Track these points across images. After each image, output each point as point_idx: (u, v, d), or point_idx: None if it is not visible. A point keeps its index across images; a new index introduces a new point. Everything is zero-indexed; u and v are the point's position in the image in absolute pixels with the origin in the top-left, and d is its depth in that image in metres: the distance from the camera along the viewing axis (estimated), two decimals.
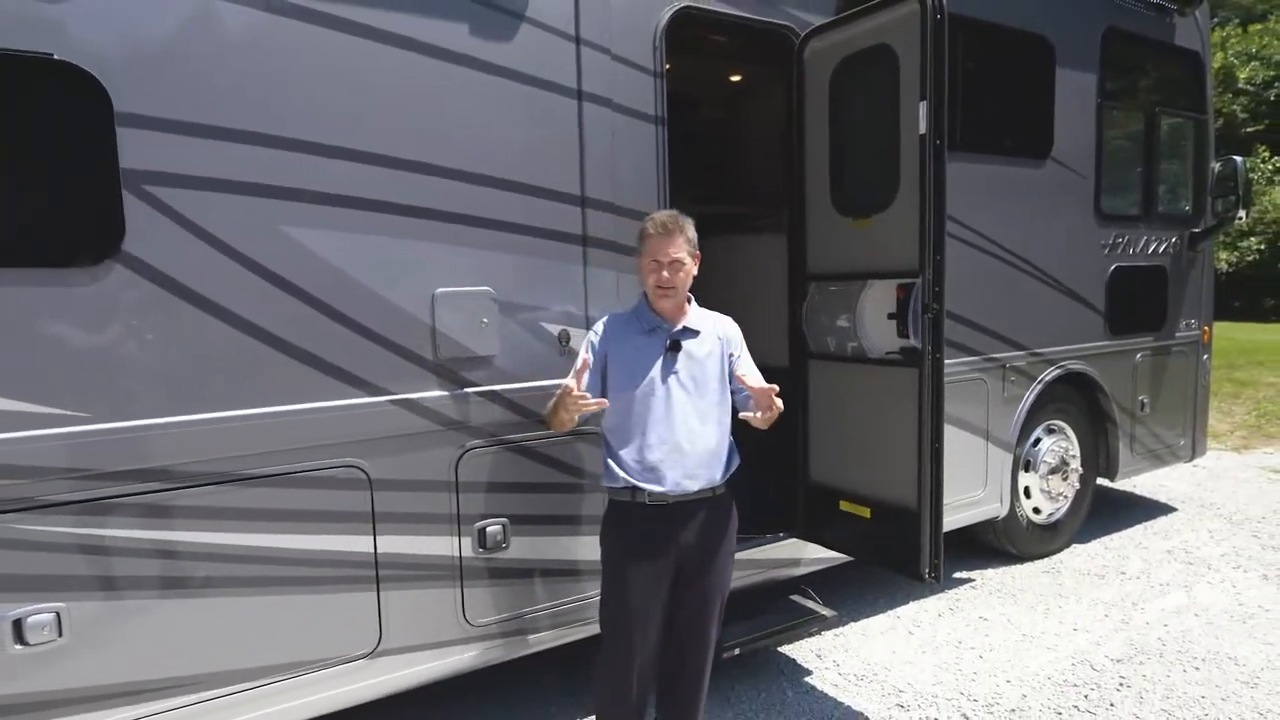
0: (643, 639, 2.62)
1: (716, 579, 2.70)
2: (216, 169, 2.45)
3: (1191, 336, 5.54)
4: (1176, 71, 5.41)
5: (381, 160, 2.70)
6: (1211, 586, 4.53)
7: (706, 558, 2.66)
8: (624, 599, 2.61)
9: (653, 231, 2.63)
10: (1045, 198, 4.62)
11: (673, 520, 2.60)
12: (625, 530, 2.64)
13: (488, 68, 2.87)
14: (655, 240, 2.61)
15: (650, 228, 2.64)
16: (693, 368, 2.65)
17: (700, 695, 2.77)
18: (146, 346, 2.38)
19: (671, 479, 2.58)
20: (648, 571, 2.59)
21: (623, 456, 2.61)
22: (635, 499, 2.60)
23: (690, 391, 2.63)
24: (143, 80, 2.33)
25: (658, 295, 2.64)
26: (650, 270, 2.63)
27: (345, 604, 2.74)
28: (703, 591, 2.67)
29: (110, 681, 2.40)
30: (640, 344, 2.66)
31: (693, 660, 2.73)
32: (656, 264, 2.60)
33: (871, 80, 3.43)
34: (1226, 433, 8.19)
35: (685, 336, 2.67)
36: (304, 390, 2.61)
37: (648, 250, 2.63)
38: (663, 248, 2.60)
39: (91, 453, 2.31)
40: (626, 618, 2.61)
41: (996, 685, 3.55)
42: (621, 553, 2.64)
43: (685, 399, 2.62)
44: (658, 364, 2.62)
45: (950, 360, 4.04)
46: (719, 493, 2.68)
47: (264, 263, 2.54)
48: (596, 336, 2.71)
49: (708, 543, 2.65)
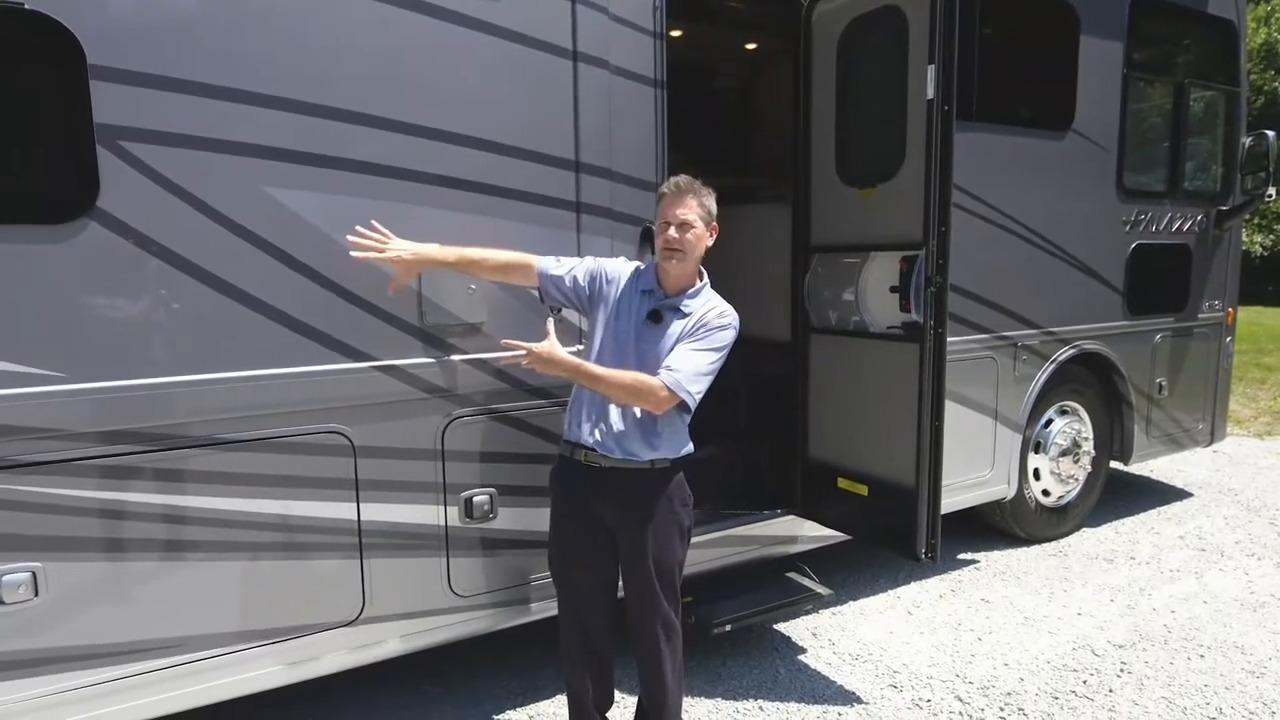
0: (577, 592, 2.67)
1: (658, 555, 2.58)
2: (196, 126, 2.39)
3: (1214, 318, 5.37)
4: (1208, 41, 5.20)
5: (367, 120, 2.63)
6: (1223, 573, 4.42)
7: (639, 530, 2.56)
8: (556, 549, 2.70)
9: (666, 191, 2.58)
10: (1065, 171, 4.46)
11: (601, 484, 2.55)
12: (560, 487, 2.68)
13: (478, 25, 2.78)
14: (668, 199, 2.56)
15: (665, 188, 2.60)
16: (657, 343, 2.54)
17: (661, 670, 2.66)
18: (122, 306, 2.34)
19: (601, 443, 2.52)
20: (578, 528, 2.63)
21: (572, 411, 2.62)
22: (573, 455, 2.59)
23: (641, 365, 2.51)
24: (118, 32, 2.27)
25: (665, 255, 2.55)
26: (660, 230, 2.56)
27: (327, 571, 2.72)
28: (642, 567, 2.58)
29: (87, 643, 2.39)
30: (631, 300, 2.61)
31: (642, 636, 2.65)
32: (665, 224, 2.54)
33: (880, 44, 3.32)
34: (1250, 418, 8.00)
35: (669, 312, 2.56)
36: (285, 354, 2.57)
37: (660, 211, 2.58)
38: (674, 207, 2.53)
39: (67, 413, 2.28)
40: (560, 567, 2.70)
41: (994, 668, 3.49)
42: (557, 503, 2.70)
43: (633, 370, 2.50)
44: (630, 326, 2.58)
45: (958, 337, 3.96)
46: (656, 467, 2.56)
47: (245, 223, 2.48)
48: (610, 270, 2.66)
49: (640, 515, 2.56)
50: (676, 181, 2.57)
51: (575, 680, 2.72)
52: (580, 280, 2.65)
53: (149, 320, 2.38)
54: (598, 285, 2.65)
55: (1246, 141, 5.25)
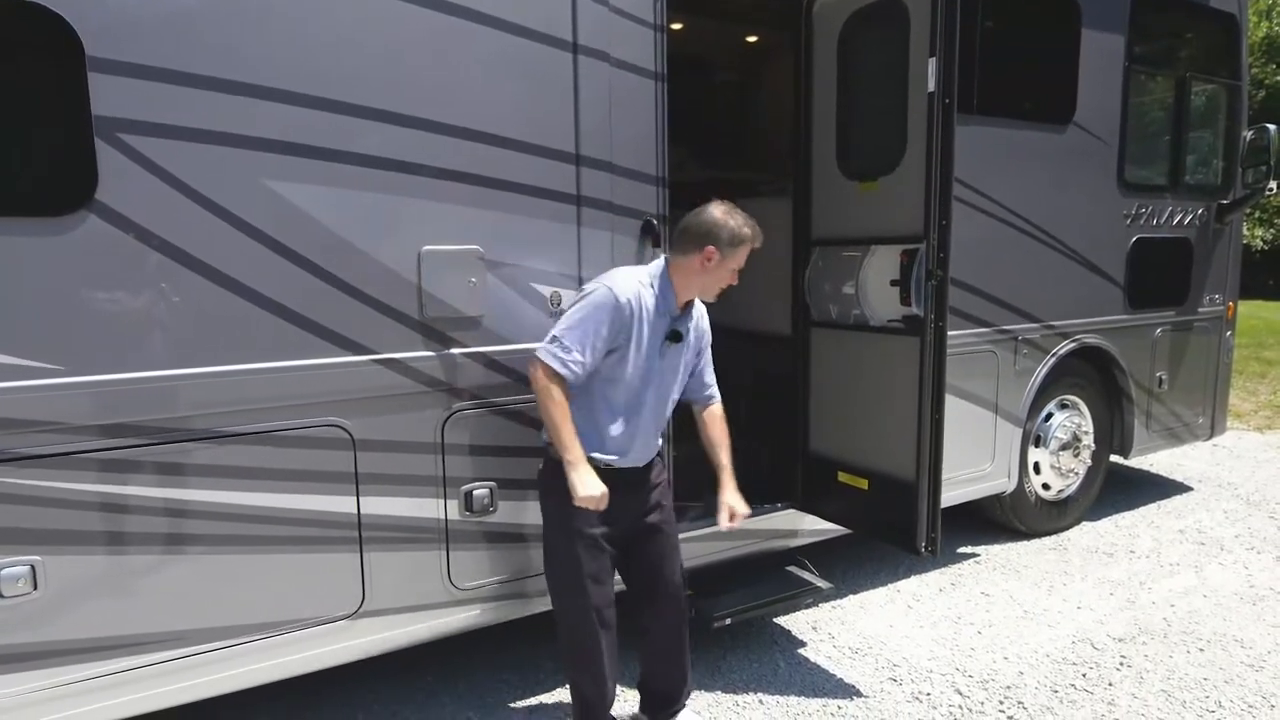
0: (602, 594, 2.68)
1: (670, 526, 2.83)
2: (195, 119, 2.38)
3: (1215, 312, 5.35)
4: (1210, 34, 5.18)
5: (367, 113, 2.62)
6: (1223, 567, 4.43)
7: (653, 509, 2.77)
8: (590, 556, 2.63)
9: (755, 243, 2.65)
10: (1066, 165, 4.44)
11: (624, 483, 2.63)
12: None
13: (478, 17, 2.76)
14: (746, 249, 2.63)
15: (755, 239, 2.64)
16: (677, 358, 2.71)
17: (686, 646, 2.90)
18: (121, 299, 2.34)
19: (630, 456, 2.67)
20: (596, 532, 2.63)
21: (597, 423, 2.61)
22: (606, 467, 2.62)
23: (669, 382, 2.71)
24: (116, 25, 2.25)
25: (712, 295, 2.70)
26: (729, 274, 2.64)
27: (327, 564, 2.72)
28: (661, 537, 2.79)
29: (87, 636, 2.39)
30: (654, 324, 2.62)
31: (675, 617, 2.85)
32: (734, 271, 2.65)
33: (881, 37, 3.30)
34: (1250, 412, 8.00)
35: (683, 327, 2.69)
36: (284, 347, 2.56)
37: (735, 256, 2.61)
38: (745, 257, 2.65)
39: (65, 406, 2.28)
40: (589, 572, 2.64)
41: (993, 661, 3.49)
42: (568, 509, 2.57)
43: (663, 390, 2.70)
44: (656, 349, 2.63)
45: (958, 331, 3.95)
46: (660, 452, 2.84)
47: (245, 216, 2.47)
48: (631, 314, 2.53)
49: (653, 497, 2.77)
50: (758, 231, 2.65)
51: (595, 685, 2.72)
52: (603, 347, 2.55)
53: (148, 313, 2.38)
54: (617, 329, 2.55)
55: (1247, 135, 5.24)
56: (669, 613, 2.85)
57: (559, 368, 2.47)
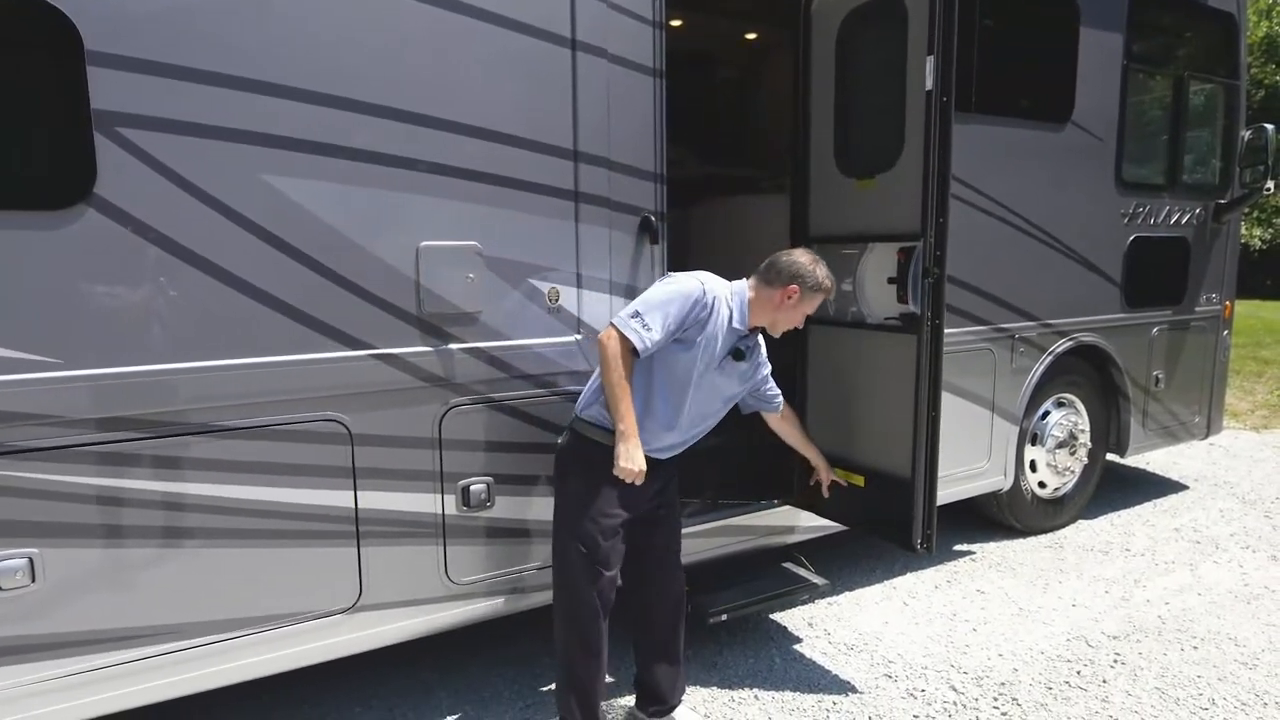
0: (610, 583, 2.70)
1: (675, 520, 2.92)
2: (195, 113, 2.38)
3: (1212, 311, 5.37)
4: (1209, 34, 5.18)
5: (365, 109, 2.62)
6: (1218, 566, 4.44)
7: (661, 504, 2.83)
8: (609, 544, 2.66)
9: (830, 295, 2.85)
10: (1064, 163, 4.45)
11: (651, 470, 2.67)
12: (596, 472, 2.64)
13: (477, 13, 2.77)
14: (821, 300, 2.80)
15: (831, 289, 2.81)
16: (732, 375, 2.77)
17: (681, 630, 2.94)
18: (119, 293, 2.34)
19: (657, 447, 2.71)
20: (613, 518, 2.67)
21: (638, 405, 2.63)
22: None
23: (717, 395, 2.77)
24: (115, 18, 2.26)
25: (778, 331, 2.82)
26: (801, 317, 2.81)
27: (324, 559, 2.73)
28: (665, 529, 2.86)
29: (85, 628, 2.40)
30: (725, 335, 2.68)
31: (675, 603, 2.91)
32: (804, 316, 2.81)
33: (879, 34, 3.31)
34: (1246, 411, 8.01)
35: (746, 347, 2.76)
36: (282, 342, 2.57)
37: (811, 301, 2.77)
38: (816, 307, 2.82)
39: (63, 399, 2.29)
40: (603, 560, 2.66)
41: (988, 658, 3.50)
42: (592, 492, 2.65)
43: (710, 399, 2.75)
44: (717, 357, 2.69)
45: (955, 329, 3.96)
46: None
47: (243, 211, 2.48)
48: (709, 313, 2.62)
49: (665, 491, 2.83)
50: (834, 287, 2.85)
51: (595, 677, 2.74)
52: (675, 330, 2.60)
53: (146, 307, 2.38)
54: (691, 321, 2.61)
55: (1245, 135, 5.24)
56: (667, 607, 2.88)
57: (636, 342, 2.52)
